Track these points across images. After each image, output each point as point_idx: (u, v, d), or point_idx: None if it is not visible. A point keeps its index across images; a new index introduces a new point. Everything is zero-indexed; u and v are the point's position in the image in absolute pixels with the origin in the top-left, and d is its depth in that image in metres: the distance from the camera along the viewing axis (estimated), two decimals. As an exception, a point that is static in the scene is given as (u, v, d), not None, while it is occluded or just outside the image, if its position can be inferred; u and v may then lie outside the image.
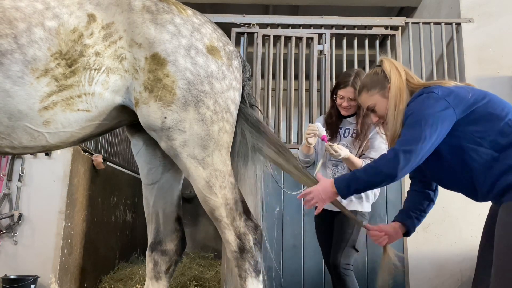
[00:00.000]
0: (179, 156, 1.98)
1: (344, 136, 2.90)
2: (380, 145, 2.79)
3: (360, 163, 2.69)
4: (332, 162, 2.90)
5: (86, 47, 1.91)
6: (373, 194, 2.92)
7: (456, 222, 3.86)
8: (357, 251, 2.79)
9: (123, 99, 2.01)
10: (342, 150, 2.63)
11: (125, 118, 2.12)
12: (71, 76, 1.89)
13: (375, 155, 2.72)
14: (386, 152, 1.90)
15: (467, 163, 1.78)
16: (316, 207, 2.03)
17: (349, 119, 2.93)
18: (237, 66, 2.19)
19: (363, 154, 2.79)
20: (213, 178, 1.99)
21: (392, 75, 1.96)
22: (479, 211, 2.01)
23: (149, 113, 1.95)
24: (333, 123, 2.96)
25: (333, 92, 2.95)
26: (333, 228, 2.86)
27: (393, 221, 2.11)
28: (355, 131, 2.85)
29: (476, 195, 1.85)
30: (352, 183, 1.87)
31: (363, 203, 2.85)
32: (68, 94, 1.91)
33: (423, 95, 1.86)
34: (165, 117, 1.94)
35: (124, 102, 2.02)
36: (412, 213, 2.06)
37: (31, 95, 1.85)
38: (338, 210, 2.78)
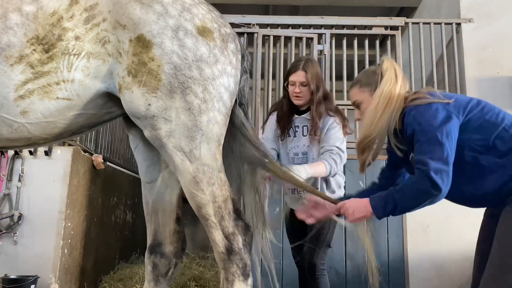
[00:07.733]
0: (165, 147, 1.85)
1: (303, 135, 2.75)
2: (337, 135, 2.66)
3: (323, 168, 2.56)
4: (293, 151, 2.77)
5: (65, 30, 1.80)
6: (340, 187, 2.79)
7: (456, 222, 3.85)
8: (330, 247, 2.76)
9: (107, 85, 1.88)
10: (301, 172, 2.44)
11: (115, 108, 2.00)
12: (48, 62, 1.79)
13: (333, 143, 2.62)
14: (415, 175, 1.79)
15: (469, 172, 1.77)
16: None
17: (304, 115, 2.76)
18: (233, 50, 2.00)
19: (323, 146, 2.67)
20: (200, 173, 1.84)
21: (385, 78, 1.88)
22: (479, 211, 2.01)
23: (132, 99, 1.82)
24: (285, 115, 2.77)
25: (285, 80, 2.78)
26: (306, 229, 2.69)
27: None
28: (312, 127, 2.70)
29: (473, 203, 1.87)
30: (389, 204, 1.81)
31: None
32: (45, 82, 1.81)
33: (421, 107, 1.80)
34: (149, 104, 1.81)
35: (108, 88, 1.89)
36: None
37: (5, 84, 1.77)
38: None
